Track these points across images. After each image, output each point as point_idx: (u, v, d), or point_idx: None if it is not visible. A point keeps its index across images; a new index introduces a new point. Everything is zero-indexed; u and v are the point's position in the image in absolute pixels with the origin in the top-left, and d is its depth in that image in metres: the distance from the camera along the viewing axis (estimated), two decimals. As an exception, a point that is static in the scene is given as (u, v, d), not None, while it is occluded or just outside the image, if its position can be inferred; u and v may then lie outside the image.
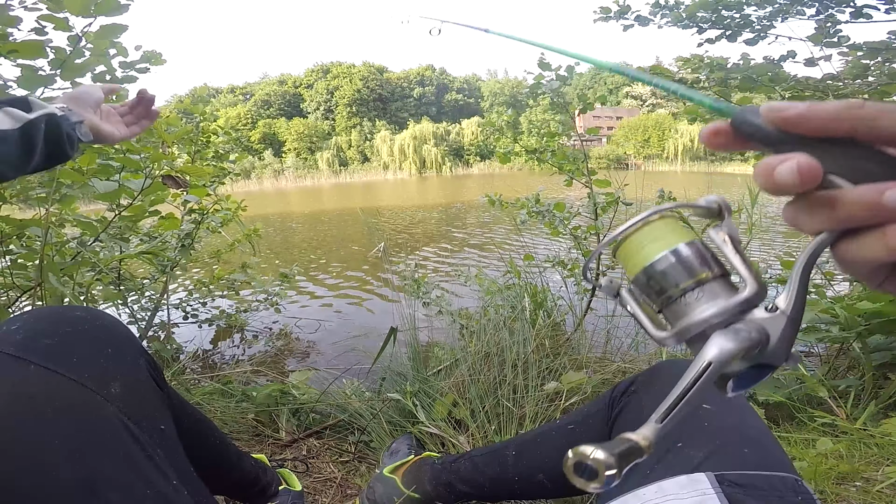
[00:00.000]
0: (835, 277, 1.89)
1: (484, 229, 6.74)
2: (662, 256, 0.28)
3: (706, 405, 0.50)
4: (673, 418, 0.24)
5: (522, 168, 33.64)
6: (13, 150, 0.53)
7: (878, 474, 0.95)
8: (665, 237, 0.28)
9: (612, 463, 0.22)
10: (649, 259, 0.28)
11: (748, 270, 0.27)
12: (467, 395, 1.25)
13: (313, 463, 1.17)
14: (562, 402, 1.18)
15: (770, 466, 0.44)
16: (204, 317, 2.51)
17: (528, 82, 2.05)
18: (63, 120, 0.59)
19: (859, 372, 1.40)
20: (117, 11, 1.03)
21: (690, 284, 0.27)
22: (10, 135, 0.53)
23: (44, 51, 1.02)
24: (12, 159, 0.54)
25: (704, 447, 0.46)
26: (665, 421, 0.24)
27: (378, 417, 1.24)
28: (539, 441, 0.70)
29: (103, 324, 0.52)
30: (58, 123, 0.58)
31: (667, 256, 0.28)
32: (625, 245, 0.30)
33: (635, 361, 1.52)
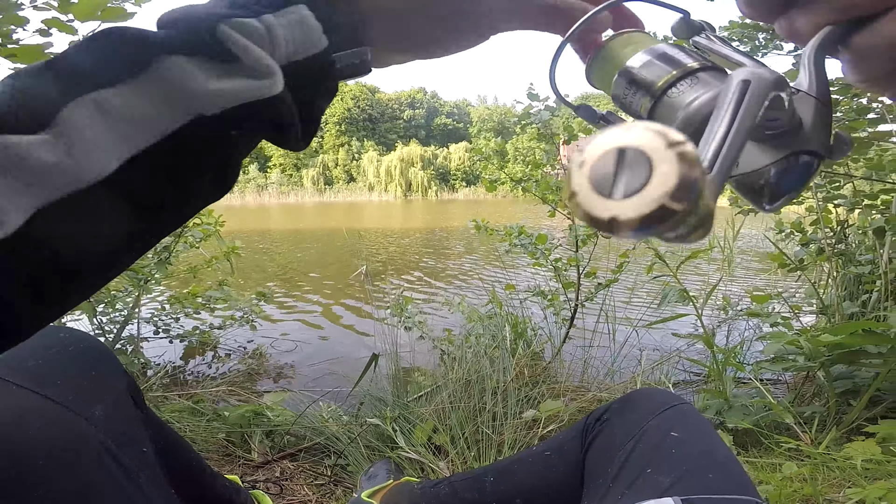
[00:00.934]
0: (802, 310, 1.97)
1: (467, 257, 6.79)
2: (640, 53, 0.25)
3: (674, 433, 0.52)
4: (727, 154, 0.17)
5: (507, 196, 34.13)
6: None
7: (840, 496, 0.99)
8: (640, 42, 0.26)
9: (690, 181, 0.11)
10: (627, 59, 0.25)
11: (747, 57, 0.24)
12: (447, 422, 1.25)
13: (287, 485, 1.14)
14: (539, 430, 1.19)
15: (734, 490, 0.46)
16: (176, 332, 2.45)
17: (516, 111, 2.12)
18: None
19: (823, 399, 1.45)
20: (123, 19, 1.04)
21: (678, 74, 0.23)
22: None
23: (43, 55, 1.03)
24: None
25: (672, 472, 0.48)
26: (717, 165, 0.17)
27: (356, 442, 1.23)
28: (516, 467, 0.71)
29: (88, 345, 0.51)
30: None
31: (645, 52, 0.25)
32: (599, 58, 0.27)
33: (611, 390, 1.55)
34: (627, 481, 0.50)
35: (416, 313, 2.17)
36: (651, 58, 0.25)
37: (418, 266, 6.15)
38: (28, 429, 0.40)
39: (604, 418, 0.62)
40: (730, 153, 0.17)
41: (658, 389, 0.64)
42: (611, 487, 0.51)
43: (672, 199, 0.10)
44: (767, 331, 1.71)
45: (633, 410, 0.59)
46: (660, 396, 0.60)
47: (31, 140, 0.20)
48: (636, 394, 0.63)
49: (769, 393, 1.35)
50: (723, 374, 1.45)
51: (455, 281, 5.15)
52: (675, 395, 0.61)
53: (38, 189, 0.20)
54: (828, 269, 2.01)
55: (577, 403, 1.36)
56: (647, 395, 0.62)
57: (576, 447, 0.65)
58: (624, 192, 0.11)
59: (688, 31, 0.27)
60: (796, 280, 2.60)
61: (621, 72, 0.25)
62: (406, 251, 7.76)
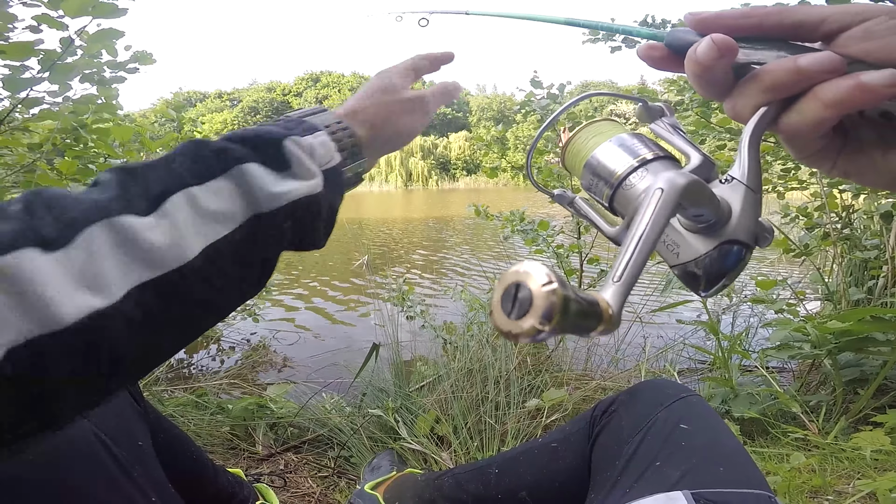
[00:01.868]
0: (806, 296, 1.95)
1: (469, 245, 6.77)
2: (603, 146, 0.29)
3: (683, 425, 0.51)
4: (632, 266, 0.20)
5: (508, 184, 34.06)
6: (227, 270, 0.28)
7: (850, 488, 0.98)
8: (605, 132, 0.30)
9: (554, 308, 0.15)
10: (591, 151, 0.29)
11: (691, 147, 0.27)
12: (450, 412, 1.24)
13: (291, 478, 1.14)
14: (543, 419, 1.18)
15: (744, 484, 0.45)
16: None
17: (517, 98, 2.09)
18: (332, 182, 0.34)
19: (830, 387, 1.44)
20: (115, 15, 1.02)
21: (634, 164, 0.27)
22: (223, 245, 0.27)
23: (33, 51, 1.00)
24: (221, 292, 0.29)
25: (681, 466, 0.47)
26: (623, 275, 0.20)
27: (359, 433, 1.22)
28: (521, 459, 0.70)
29: None
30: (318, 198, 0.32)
31: (607, 145, 0.29)
32: (570, 149, 0.31)
33: (615, 378, 1.54)
34: (635, 474, 0.49)
35: (417, 302, 2.16)
36: (611, 150, 0.29)
37: (418, 255, 6.14)
38: None
39: (611, 410, 0.61)
40: (635, 264, 0.20)
41: (666, 381, 0.62)
42: (618, 480, 0.50)
43: (541, 323, 0.15)
44: (772, 317, 1.69)
45: (641, 402, 0.58)
46: (668, 388, 0.59)
47: (143, 222, 0.25)
48: (644, 385, 0.62)
49: (775, 381, 1.33)
50: (728, 362, 1.44)
51: (456, 269, 5.14)
52: (684, 386, 0.60)
53: (142, 266, 0.24)
54: (833, 254, 1.99)
55: (580, 392, 1.35)
56: (654, 386, 0.61)
57: (582, 439, 0.64)
58: (516, 315, 0.16)
59: (648, 117, 0.31)
60: (800, 265, 2.57)
61: (586, 164, 0.30)
62: (406, 240, 7.74)
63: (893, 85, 0.22)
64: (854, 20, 0.24)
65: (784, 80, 0.24)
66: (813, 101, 0.23)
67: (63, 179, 1.21)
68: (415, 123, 0.43)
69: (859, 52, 0.23)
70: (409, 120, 0.42)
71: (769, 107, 0.24)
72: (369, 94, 0.41)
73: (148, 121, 1.63)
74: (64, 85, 1.13)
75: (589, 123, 0.31)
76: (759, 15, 0.25)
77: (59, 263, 0.22)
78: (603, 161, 0.29)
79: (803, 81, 0.23)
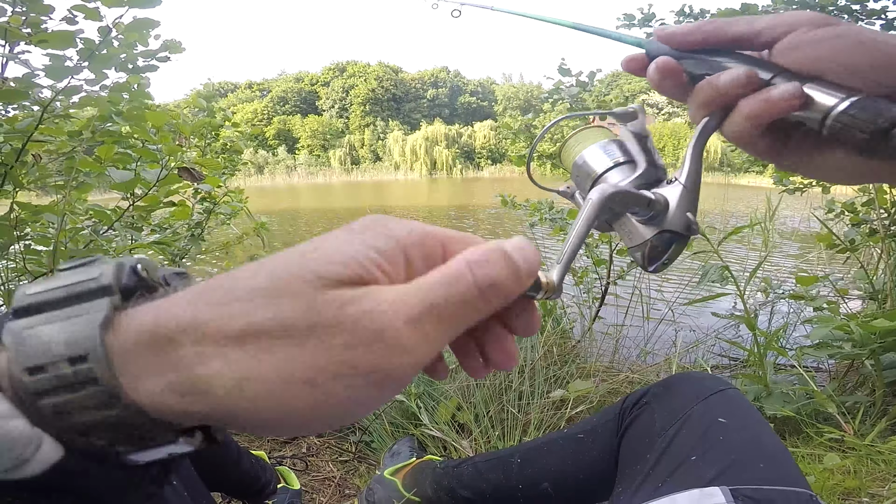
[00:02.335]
0: (849, 293, 1.86)
1: (492, 235, 6.73)
2: (584, 152, 0.35)
3: (721, 419, 0.49)
4: (566, 257, 0.26)
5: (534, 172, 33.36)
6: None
7: (885, 490, 0.95)
8: (588, 139, 0.35)
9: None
10: (575, 156, 0.35)
11: (643, 154, 0.33)
12: (472, 400, 1.24)
13: (312, 461, 1.16)
14: (567, 411, 1.17)
15: (786, 482, 0.43)
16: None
17: (545, 87, 2.05)
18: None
19: (868, 388, 1.38)
20: (150, 4, 1.04)
21: (606, 167, 0.33)
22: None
23: (74, 41, 1.03)
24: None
25: (719, 461, 0.45)
26: (563, 258, 0.26)
27: (380, 418, 1.23)
28: (546, 449, 0.69)
29: None
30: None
31: (587, 151, 0.35)
32: (563, 151, 0.37)
33: (643, 372, 1.50)
34: (669, 468, 0.47)
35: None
36: (592, 153, 0.34)
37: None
38: None
39: (642, 402, 0.59)
40: (570, 250, 0.26)
41: (703, 373, 0.60)
42: (650, 474, 0.48)
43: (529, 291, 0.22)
44: (809, 315, 1.62)
45: (676, 395, 0.56)
46: (705, 380, 0.57)
47: None
48: (679, 377, 0.60)
49: (812, 379, 1.28)
50: (763, 359, 1.38)
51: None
52: (721, 379, 0.57)
53: None
54: (880, 251, 1.88)
55: (607, 385, 1.33)
56: (690, 378, 0.58)
57: (610, 431, 0.62)
58: None
59: (622, 121, 0.35)
60: (842, 263, 2.45)
61: (573, 165, 0.35)
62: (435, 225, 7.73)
63: (792, 98, 0.25)
64: (782, 32, 0.26)
65: (710, 97, 0.28)
66: (737, 114, 0.27)
67: (103, 164, 1.25)
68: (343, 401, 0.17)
69: (788, 63, 0.26)
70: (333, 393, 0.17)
71: (710, 118, 0.29)
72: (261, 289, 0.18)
73: (180, 112, 1.68)
74: (101, 74, 1.16)
75: (579, 129, 0.36)
76: (703, 31, 0.29)
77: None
78: (582, 163, 0.35)
79: (724, 98, 0.27)
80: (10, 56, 1.01)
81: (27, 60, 1.05)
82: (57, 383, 0.16)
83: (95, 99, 1.18)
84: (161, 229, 1.76)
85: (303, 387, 0.16)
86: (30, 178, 1.25)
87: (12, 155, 1.12)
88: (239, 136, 2.22)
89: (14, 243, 1.30)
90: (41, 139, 1.15)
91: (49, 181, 1.28)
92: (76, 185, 1.24)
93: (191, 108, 2.23)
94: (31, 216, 1.27)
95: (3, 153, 1.13)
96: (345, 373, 0.16)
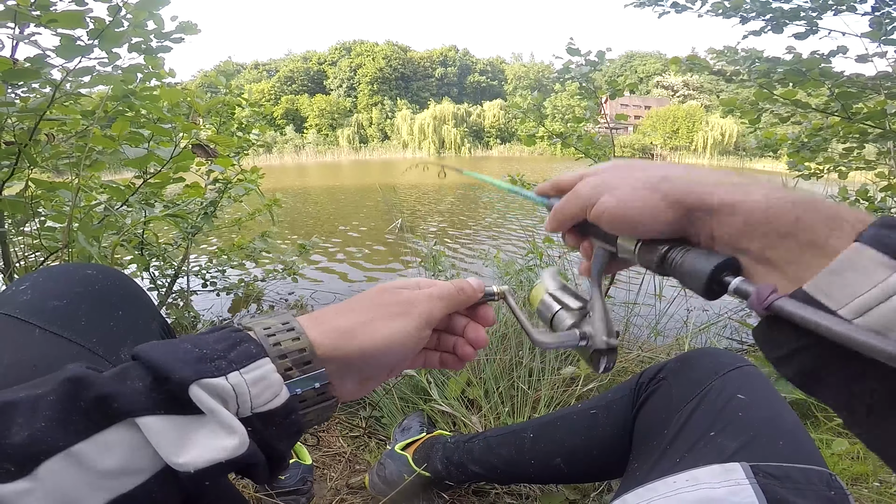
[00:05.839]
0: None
1: (498, 215, 6.69)
2: (541, 299, 0.44)
3: (740, 395, 0.49)
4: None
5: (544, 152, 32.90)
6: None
7: (893, 477, 0.96)
8: (542, 288, 0.45)
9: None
10: (536, 302, 0.45)
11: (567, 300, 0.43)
12: (482, 375, 1.25)
13: (324, 436, 1.18)
14: (578, 388, 1.17)
15: (805, 460, 0.43)
16: (222, 285, 2.55)
17: (555, 67, 2.00)
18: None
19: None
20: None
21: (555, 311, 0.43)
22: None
23: (83, 21, 1.02)
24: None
25: (738, 437, 0.45)
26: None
27: (391, 393, 1.25)
28: (559, 424, 0.69)
29: (115, 283, 0.48)
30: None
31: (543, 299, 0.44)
32: (529, 299, 0.47)
33: (655, 350, 1.50)
34: (688, 444, 0.47)
35: (449, 266, 2.16)
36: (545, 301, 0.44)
37: (454, 220, 6.12)
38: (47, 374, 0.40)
39: (659, 377, 0.59)
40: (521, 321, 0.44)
41: (720, 350, 0.59)
42: (667, 450, 0.48)
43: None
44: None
45: (694, 370, 0.56)
46: (723, 356, 0.56)
47: (14, 488, 0.22)
48: (697, 353, 0.59)
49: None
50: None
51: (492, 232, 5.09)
52: (740, 356, 0.56)
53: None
54: None
55: (619, 363, 1.33)
56: (708, 354, 0.58)
57: (625, 406, 0.62)
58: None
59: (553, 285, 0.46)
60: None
61: (536, 310, 0.45)
62: (443, 204, 7.72)
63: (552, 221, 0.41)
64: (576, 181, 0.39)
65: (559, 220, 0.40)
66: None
67: (116, 142, 1.25)
68: (398, 329, 0.35)
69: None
70: (391, 325, 0.35)
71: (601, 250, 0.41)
72: (352, 300, 0.37)
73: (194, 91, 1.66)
74: (112, 54, 1.16)
75: (533, 286, 0.46)
76: (553, 185, 0.42)
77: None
78: (538, 310, 0.45)
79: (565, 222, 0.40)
80: (20, 37, 1.00)
81: (37, 41, 1.04)
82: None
83: (107, 77, 1.17)
84: (174, 205, 1.77)
85: (372, 323, 0.35)
86: (43, 156, 1.26)
87: (25, 135, 1.13)
88: (255, 114, 2.21)
89: (29, 220, 1.32)
90: (54, 118, 1.15)
91: (63, 161, 1.29)
92: (89, 163, 1.25)
93: (202, 87, 2.22)
94: (45, 194, 1.28)
95: (17, 132, 1.14)
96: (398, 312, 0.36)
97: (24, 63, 1.04)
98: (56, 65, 1.07)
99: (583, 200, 0.36)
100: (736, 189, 0.29)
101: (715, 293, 0.30)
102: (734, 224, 0.29)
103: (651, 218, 0.32)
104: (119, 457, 0.24)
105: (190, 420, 0.25)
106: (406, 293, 0.37)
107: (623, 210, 0.33)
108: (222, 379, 0.26)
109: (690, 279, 0.31)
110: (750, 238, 0.28)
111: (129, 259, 1.83)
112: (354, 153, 53.01)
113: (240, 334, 0.30)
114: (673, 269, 0.32)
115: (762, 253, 0.28)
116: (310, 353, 0.31)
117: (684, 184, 0.32)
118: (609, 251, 0.39)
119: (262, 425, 0.28)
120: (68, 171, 1.33)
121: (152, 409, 0.25)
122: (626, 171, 0.35)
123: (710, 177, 0.32)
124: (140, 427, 0.24)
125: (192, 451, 0.25)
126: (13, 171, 1.16)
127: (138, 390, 0.25)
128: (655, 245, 0.34)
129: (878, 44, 1.46)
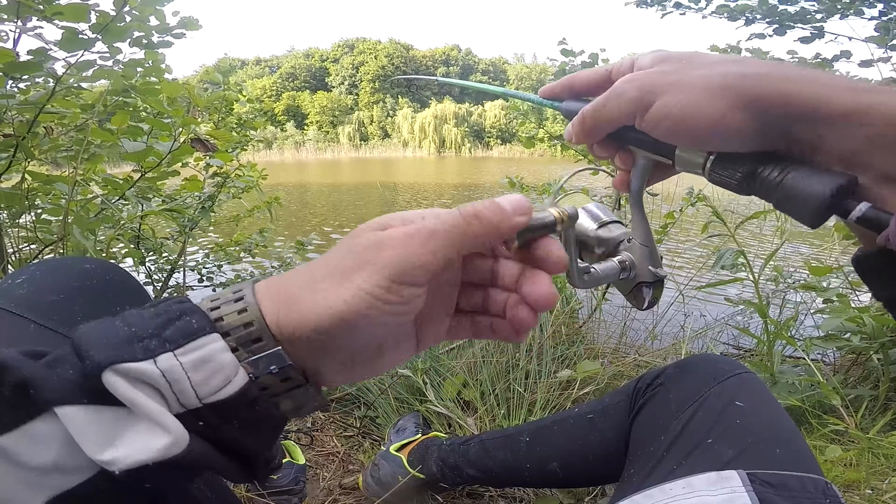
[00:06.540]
0: (861, 287, 1.83)
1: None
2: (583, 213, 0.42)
3: (738, 402, 0.49)
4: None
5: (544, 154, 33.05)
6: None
7: (885, 484, 0.96)
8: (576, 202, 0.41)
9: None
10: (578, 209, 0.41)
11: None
12: (478, 377, 1.24)
13: (317, 436, 1.17)
14: (574, 392, 1.17)
15: (802, 468, 0.43)
16: (219, 280, 2.53)
17: (554, 67, 2.00)
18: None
19: (871, 383, 1.38)
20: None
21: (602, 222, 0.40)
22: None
23: (87, 15, 1.02)
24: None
25: (735, 444, 0.45)
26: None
27: (386, 393, 1.25)
28: (555, 429, 0.69)
29: (113, 278, 0.48)
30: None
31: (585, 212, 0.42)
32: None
33: (651, 355, 1.50)
34: (684, 451, 0.47)
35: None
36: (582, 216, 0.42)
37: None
38: None
39: (657, 383, 0.59)
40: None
41: (719, 356, 0.59)
42: (664, 456, 0.48)
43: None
44: (819, 306, 1.60)
45: (692, 376, 0.55)
46: (721, 363, 0.56)
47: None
48: (695, 359, 0.59)
49: (818, 370, 1.27)
50: (772, 348, 1.38)
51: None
52: (738, 362, 0.56)
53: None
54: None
55: (615, 367, 1.32)
56: (707, 360, 0.58)
57: (622, 412, 0.62)
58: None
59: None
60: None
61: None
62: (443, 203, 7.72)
63: (580, 129, 0.34)
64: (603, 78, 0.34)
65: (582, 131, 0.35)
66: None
67: (115, 135, 1.24)
68: (350, 292, 0.23)
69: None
70: (343, 286, 0.24)
71: (645, 160, 0.34)
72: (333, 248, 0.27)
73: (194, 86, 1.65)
74: (114, 48, 1.15)
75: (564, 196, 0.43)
76: (565, 85, 0.37)
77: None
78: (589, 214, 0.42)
79: (598, 133, 0.34)
80: (24, 29, 0.99)
81: (40, 34, 1.04)
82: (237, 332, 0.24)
83: (108, 72, 1.17)
84: (171, 200, 1.76)
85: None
86: (41, 149, 1.25)
87: (24, 127, 1.12)
88: (254, 111, 2.21)
89: (25, 212, 1.31)
90: (53, 111, 1.14)
91: (61, 154, 1.28)
92: (87, 156, 1.24)
93: (202, 83, 2.22)
94: (42, 186, 1.27)
95: (15, 125, 1.13)
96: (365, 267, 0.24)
97: (26, 55, 1.04)
98: (59, 58, 1.07)
99: (630, 104, 0.29)
100: (858, 92, 0.24)
101: (823, 220, 0.25)
102: (857, 136, 0.24)
103: (727, 127, 0.26)
104: (53, 451, 0.21)
105: (122, 413, 0.21)
106: (379, 234, 0.24)
107: (691, 117, 0.27)
108: (148, 363, 0.21)
109: (796, 203, 0.25)
110: (873, 154, 0.23)
111: (124, 252, 1.82)
112: (354, 150, 53.00)
113: (183, 306, 0.24)
114: (767, 189, 0.27)
115: (889, 171, 0.23)
116: (258, 328, 0.23)
117: (774, 85, 0.25)
118: (656, 161, 0.32)
119: (217, 419, 0.22)
120: (66, 164, 1.32)
121: (76, 399, 0.21)
122: (684, 66, 0.28)
123: (806, 75, 0.25)
124: (62, 420, 0.21)
125: (120, 449, 0.21)
126: (10, 164, 1.15)
127: (65, 377, 0.21)
128: (739, 159, 0.27)
129: (884, 49, 1.45)
